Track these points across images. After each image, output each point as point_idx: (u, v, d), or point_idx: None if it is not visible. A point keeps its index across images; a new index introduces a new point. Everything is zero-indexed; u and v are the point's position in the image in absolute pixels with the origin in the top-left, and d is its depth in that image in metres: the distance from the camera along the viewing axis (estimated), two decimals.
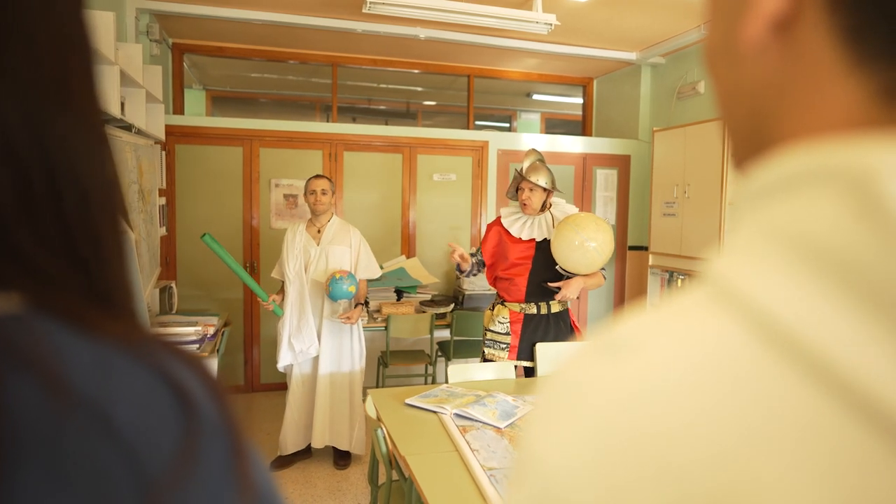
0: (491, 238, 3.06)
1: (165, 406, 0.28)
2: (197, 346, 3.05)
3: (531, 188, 2.89)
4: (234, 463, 0.29)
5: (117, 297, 0.33)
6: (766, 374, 0.22)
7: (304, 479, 3.32)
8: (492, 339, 3.00)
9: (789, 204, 0.25)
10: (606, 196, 5.39)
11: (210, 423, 0.29)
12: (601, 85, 6.00)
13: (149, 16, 4.23)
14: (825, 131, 0.26)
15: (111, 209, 0.33)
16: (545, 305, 2.97)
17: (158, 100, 3.79)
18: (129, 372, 0.28)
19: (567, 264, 2.80)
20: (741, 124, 0.31)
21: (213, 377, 0.31)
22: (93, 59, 0.34)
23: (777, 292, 0.23)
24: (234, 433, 0.30)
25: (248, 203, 4.64)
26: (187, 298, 4.46)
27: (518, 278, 2.95)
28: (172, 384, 0.28)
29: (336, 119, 5.42)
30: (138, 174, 3.17)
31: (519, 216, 3.00)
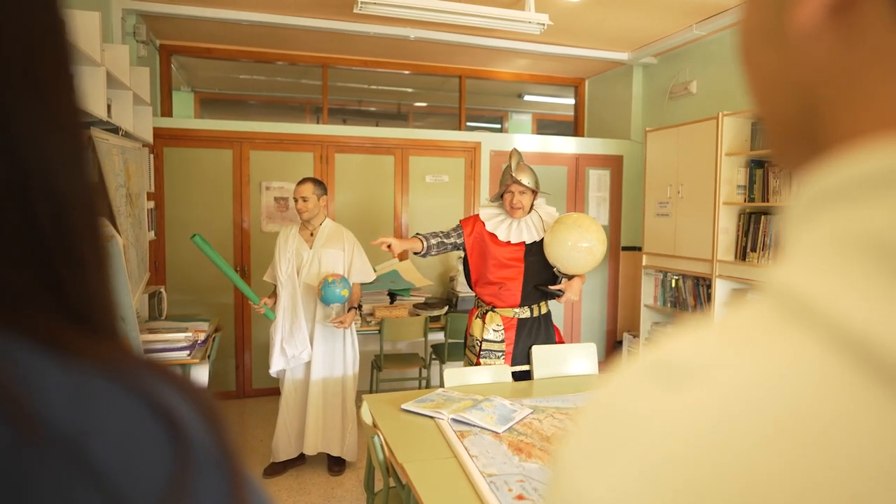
0: (474, 228, 2.92)
1: (153, 438, 0.25)
2: (187, 352, 2.99)
3: (522, 191, 2.81)
4: (233, 499, 0.26)
5: (98, 315, 0.30)
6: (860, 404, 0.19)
7: (298, 486, 3.27)
8: (487, 350, 2.89)
9: (870, 208, 0.21)
10: (599, 196, 5.38)
11: (205, 456, 0.26)
12: (593, 85, 6.00)
13: (135, 17, 4.17)
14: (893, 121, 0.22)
15: (91, 217, 0.30)
16: (537, 308, 2.93)
17: (146, 102, 3.73)
18: (111, 400, 0.25)
19: (567, 265, 2.73)
20: (788, 119, 0.28)
21: (209, 403, 0.28)
22: (69, 52, 0.31)
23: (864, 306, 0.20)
24: (233, 466, 0.27)
25: (238, 206, 4.58)
26: (177, 304, 4.40)
27: (510, 282, 2.85)
28: (161, 412, 0.25)
29: (326, 121, 5.37)
30: (126, 177, 3.11)
31: (503, 218, 2.89)
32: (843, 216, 0.22)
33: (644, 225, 4.55)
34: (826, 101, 0.25)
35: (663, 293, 4.52)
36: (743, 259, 3.76)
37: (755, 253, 3.67)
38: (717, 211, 3.82)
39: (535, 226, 2.88)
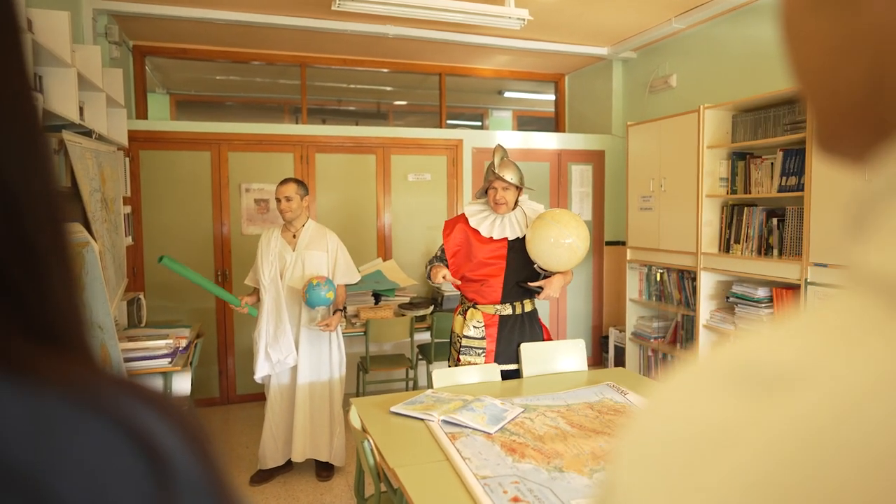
0: (455, 235, 2.89)
1: (129, 470, 0.22)
2: (169, 359, 2.92)
3: (505, 187, 2.78)
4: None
5: (64, 329, 0.27)
6: None
7: (286, 493, 3.21)
8: (467, 346, 2.85)
9: None
10: (582, 192, 5.38)
11: (190, 487, 0.23)
12: (573, 81, 6.00)
13: (107, 17, 4.06)
14: None
15: (54, 222, 0.28)
16: (520, 305, 2.87)
17: (120, 104, 3.64)
18: (76, 428, 0.22)
19: (547, 262, 2.70)
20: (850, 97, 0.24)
21: (193, 423, 0.26)
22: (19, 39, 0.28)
23: None
24: (224, 493, 0.25)
25: (217, 209, 4.49)
26: (157, 310, 4.30)
27: (492, 279, 2.81)
28: (137, 439, 0.23)
29: (306, 121, 5.30)
30: (101, 181, 3.02)
31: (486, 215, 2.87)
32: None
33: (627, 219, 4.56)
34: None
35: (648, 287, 4.53)
36: (727, 251, 3.77)
37: (739, 245, 3.68)
38: (700, 204, 3.83)
39: (519, 222, 2.85)
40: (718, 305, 3.89)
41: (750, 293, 3.57)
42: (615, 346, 5.05)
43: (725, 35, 4.24)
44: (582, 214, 5.40)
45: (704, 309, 3.88)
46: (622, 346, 4.84)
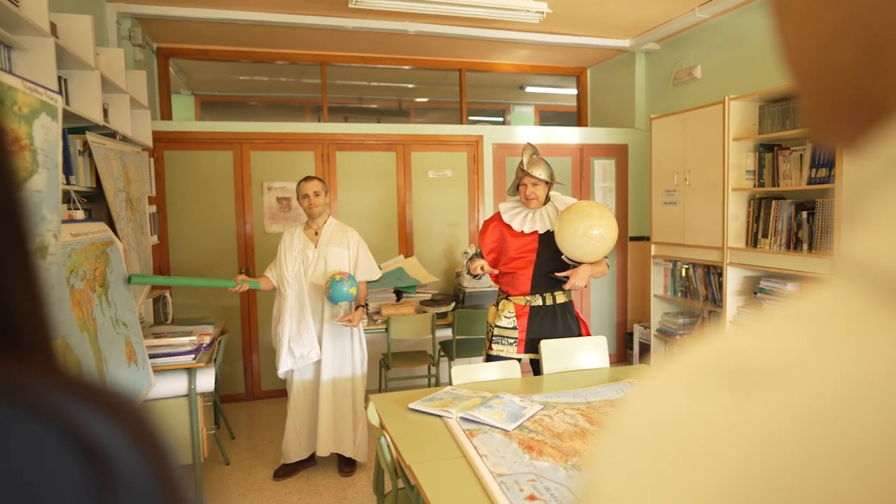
0: (490, 234, 3.03)
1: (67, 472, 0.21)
2: (193, 356, 2.96)
3: (534, 182, 2.89)
4: None
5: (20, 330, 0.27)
6: None
7: (308, 488, 3.24)
8: (499, 335, 2.96)
9: None
10: (605, 186, 5.31)
11: (134, 489, 0.23)
12: (595, 74, 5.92)
13: (130, 20, 4.13)
14: None
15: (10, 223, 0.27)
16: (550, 296, 2.93)
17: (144, 105, 3.70)
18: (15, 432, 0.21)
19: (573, 253, 2.78)
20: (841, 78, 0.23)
21: (146, 427, 0.24)
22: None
23: None
24: (171, 497, 0.24)
25: (240, 208, 4.55)
26: (182, 308, 4.38)
27: (522, 271, 2.93)
28: (80, 441, 0.22)
29: (327, 119, 5.33)
30: (125, 182, 3.08)
31: (519, 210, 2.98)
32: None
33: (651, 214, 4.48)
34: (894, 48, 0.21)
35: (673, 283, 4.45)
36: (754, 245, 3.68)
37: (767, 239, 3.59)
38: (725, 197, 3.75)
39: (550, 216, 2.95)
40: (746, 301, 3.80)
41: (778, 288, 3.48)
42: (640, 343, 4.97)
43: (751, 23, 4.13)
44: None
45: (731, 305, 3.80)
46: (647, 342, 4.76)
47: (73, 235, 2.10)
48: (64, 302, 1.87)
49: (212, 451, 3.53)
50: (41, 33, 2.23)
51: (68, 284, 1.95)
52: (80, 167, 2.55)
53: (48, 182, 1.62)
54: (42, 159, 1.59)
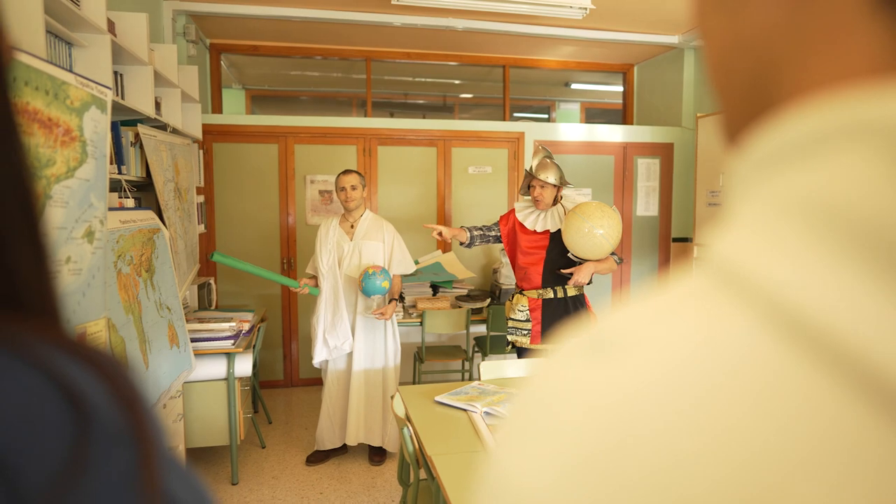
0: (509, 222, 3.26)
1: (53, 412, 0.25)
2: (232, 341, 3.08)
3: (542, 185, 3.06)
4: (139, 474, 0.26)
5: (28, 296, 0.30)
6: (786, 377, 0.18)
7: (339, 474, 3.32)
8: (514, 327, 3.18)
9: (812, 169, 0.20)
10: (648, 186, 5.21)
11: (109, 431, 0.26)
12: (642, 71, 5.80)
13: (185, 17, 4.30)
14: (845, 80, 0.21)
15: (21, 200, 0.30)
16: (561, 290, 3.12)
17: (195, 99, 3.85)
18: (5, 373, 0.25)
19: (577, 251, 2.96)
20: (740, 84, 0.26)
21: (122, 380, 0.28)
22: None
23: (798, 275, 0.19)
24: (143, 441, 0.27)
25: (283, 200, 4.68)
26: (227, 294, 4.54)
27: (533, 267, 3.13)
28: (62, 387, 0.26)
29: (371, 114, 5.41)
30: (174, 172, 3.22)
31: (531, 210, 3.18)
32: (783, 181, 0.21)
33: (695, 215, 4.38)
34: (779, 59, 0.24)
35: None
36: None
37: None
38: None
39: (560, 216, 3.12)
40: None
41: None
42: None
43: None
44: (647, 210, 5.23)
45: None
46: None
47: (122, 222, 2.22)
48: (111, 285, 1.98)
49: (249, 435, 3.67)
50: (99, 31, 2.36)
51: (116, 268, 2.07)
52: (131, 158, 2.68)
53: (96, 171, 1.72)
54: (91, 150, 1.69)
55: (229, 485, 3.18)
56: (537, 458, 0.22)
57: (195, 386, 3.08)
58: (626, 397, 0.20)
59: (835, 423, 0.17)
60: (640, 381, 0.20)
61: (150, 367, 2.31)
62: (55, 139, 1.46)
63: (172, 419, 2.88)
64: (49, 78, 1.46)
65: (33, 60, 1.41)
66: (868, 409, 0.17)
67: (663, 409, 0.19)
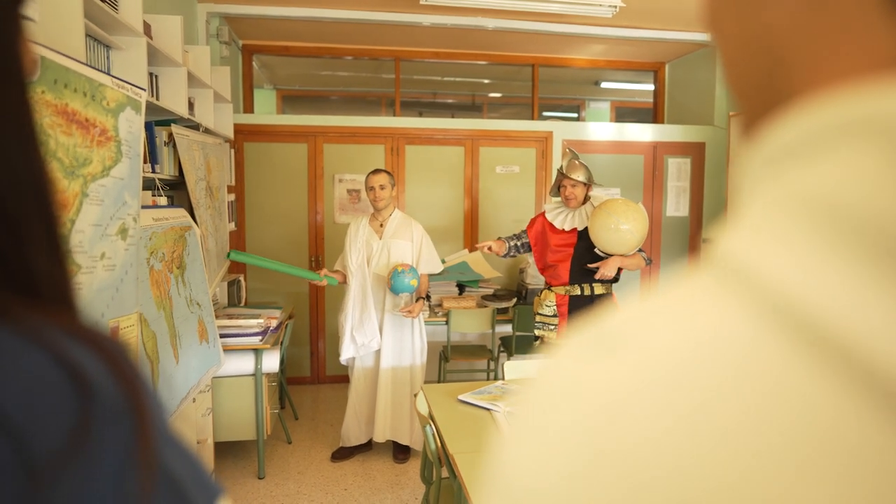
0: (536, 225, 3.38)
1: (58, 389, 0.28)
2: (259, 337, 3.13)
3: (573, 184, 3.18)
4: (138, 446, 0.29)
5: (46, 286, 0.33)
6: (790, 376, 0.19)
7: (363, 471, 3.36)
8: (541, 322, 3.29)
9: (818, 165, 0.21)
10: (679, 186, 5.12)
11: (109, 406, 0.29)
12: (673, 69, 5.70)
13: (219, 19, 4.39)
14: (856, 76, 0.21)
15: (39, 197, 0.34)
16: (588, 287, 3.19)
17: (227, 99, 3.93)
18: (18, 354, 0.28)
19: (604, 246, 3.04)
20: (755, 81, 0.27)
21: (122, 361, 0.31)
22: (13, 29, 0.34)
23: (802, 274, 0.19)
24: (140, 416, 0.30)
25: (312, 198, 4.74)
26: (256, 291, 4.62)
27: (561, 264, 3.22)
28: (67, 367, 0.28)
29: (399, 113, 5.44)
30: (206, 171, 3.29)
31: (560, 210, 3.30)
32: (790, 177, 0.22)
33: (727, 216, 4.29)
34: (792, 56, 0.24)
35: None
36: None
37: None
38: None
39: (588, 214, 3.21)
40: None
41: None
42: None
43: None
44: (678, 210, 5.14)
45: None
46: None
47: (155, 220, 2.28)
48: (143, 280, 2.04)
49: (275, 430, 3.73)
50: (135, 34, 2.43)
51: (148, 265, 2.12)
52: (164, 157, 2.75)
53: (130, 170, 1.77)
54: (126, 149, 1.74)
55: (256, 479, 3.24)
56: (542, 457, 0.22)
57: (224, 381, 3.15)
58: (629, 396, 0.20)
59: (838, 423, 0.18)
60: (644, 379, 0.20)
61: (180, 362, 2.37)
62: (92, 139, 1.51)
63: (202, 413, 2.94)
64: (87, 80, 1.51)
65: (72, 63, 1.46)
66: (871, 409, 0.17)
67: (667, 409, 0.19)
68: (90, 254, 1.50)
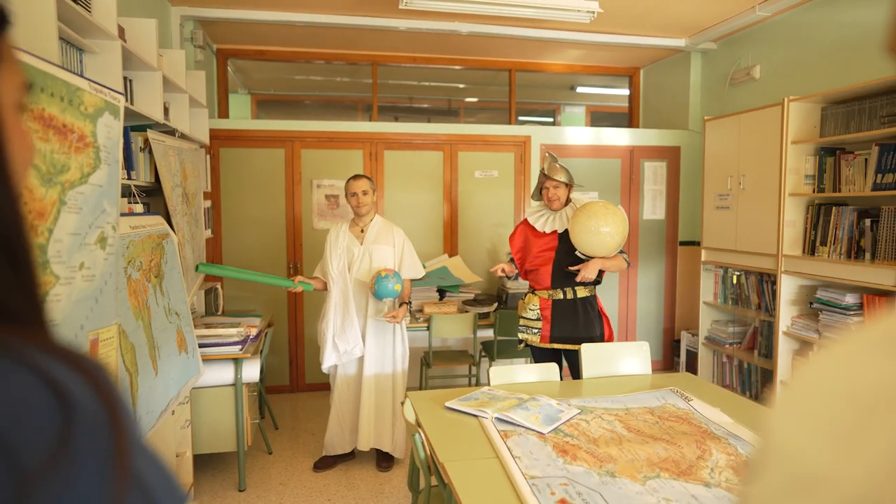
0: (517, 237, 3.38)
1: (43, 405, 0.31)
2: (239, 346, 3.07)
3: (555, 185, 3.20)
4: (114, 456, 0.32)
5: (17, 309, 0.36)
6: None
7: (346, 480, 3.31)
8: (524, 325, 3.26)
9: None
10: (655, 189, 5.19)
11: (89, 420, 0.32)
12: (648, 74, 5.79)
13: (193, 22, 4.31)
14: None
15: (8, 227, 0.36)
16: (571, 291, 3.17)
17: (202, 104, 3.85)
18: (6, 373, 0.31)
19: (584, 248, 3.04)
20: None
21: (101, 379, 0.34)
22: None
23: None
24: (118, 429, 0.33)
25: (290, 204, 4.68)
26: (233, 299, 4.53)
27: (543, 268, 3.20)
28: (51, 385, 0.32)
29: (377, 118, 5.41)
30: (182, 177, 3.22)
31: (542, 213, 3.30)
32: None
33: (703, 218, 4.36)
34: None
35: (724, 290, 4.31)
36: (812, 254, 3.53)
37: (825, 247, 3.44)
38: (782, 203, 3.60)
39: (568, 217, 3.22)
40: (801, 311, 3.65)
41: (837, 299, 3.33)
42: (687, 351, 4.84)
43: (815, 21, 3.96)
44: (654, 213, 5.21)
45: (785, 315, 3.65)
46: (694, 350, 4.63)
47: (132, 228, 2.21)
48: (121, 290, 1.98)
49: (256, 440, 3.65)
50: (110, 37, 2.36)
51: (126, 274, 2.06)
52: (140, 163, 2.68)
53: (109, 177, 1.71)
54: (104, 156, 1.68)
55: (236, 491, 3.17)
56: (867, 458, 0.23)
57: (203, 392, 3.07)
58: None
59: None
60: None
61: (159, 374, 2.31)
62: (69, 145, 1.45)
63: (181, 425, 2.87)
64: (64, 84, 1.46)
65: (48, 66, 1.41)
66: None
67: None
68: (69, 264, 1.44)
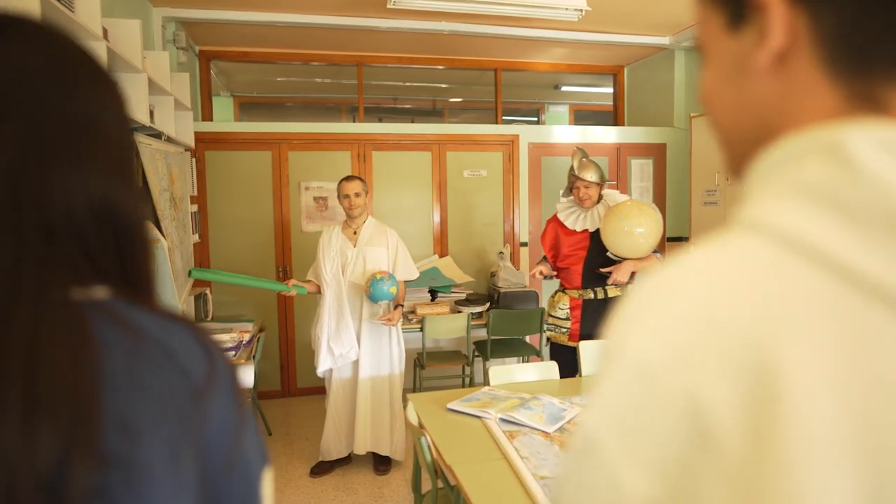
0: (548, 234, 3.33)
1: (199, 349, 0.47)
2: (233, 352, 3.01)
3: (587, 185, 3.11)
4: (234, 386, 0.49)
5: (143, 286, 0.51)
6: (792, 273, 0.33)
7: (344, 485, 3.27)
8: (553, 324, 3.22)
9: (796, 166, 0.35)
10: (642, 186, 5.22)
11: (221, 363, 0.48)
12: (632, 72, 5.82)
13: (175, 24, 4.23)
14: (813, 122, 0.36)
15: (143, 240, 0.51)
16: (601, 291, 3.12)
17: (187, 107, 3.78)
18: (177, 329, 0.47)
19: (616, 250, 2.96)
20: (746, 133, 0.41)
21: (214, 339, 0.50)
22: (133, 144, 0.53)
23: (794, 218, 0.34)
24: (234, 372, 0.49)
25: (278, 207, 4.62)
26: (222, 305, 4.46)
27: (574, 267, 3.16)
28: (200, 339, 0.48)
29: (363, 119, 5.36)
30: (169, 181, 3.15)
31: (573, 210, 3.24)
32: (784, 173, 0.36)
33: (691, 214, 4.40)
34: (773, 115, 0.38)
35: None
36: None
37: None
38: None
39: (600, 216, 3.14)
40: None
41: None
42: None
43: None
44: None
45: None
46: None
47: None
48: None
49: None
50: (94, 38, 2.30)
51: None
52: None
53: None
54: None
55: None
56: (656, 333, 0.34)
57: None
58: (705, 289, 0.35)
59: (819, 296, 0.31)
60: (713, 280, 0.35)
61: None
62: None
63: None
64: None
65: None
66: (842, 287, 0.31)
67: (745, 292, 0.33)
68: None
